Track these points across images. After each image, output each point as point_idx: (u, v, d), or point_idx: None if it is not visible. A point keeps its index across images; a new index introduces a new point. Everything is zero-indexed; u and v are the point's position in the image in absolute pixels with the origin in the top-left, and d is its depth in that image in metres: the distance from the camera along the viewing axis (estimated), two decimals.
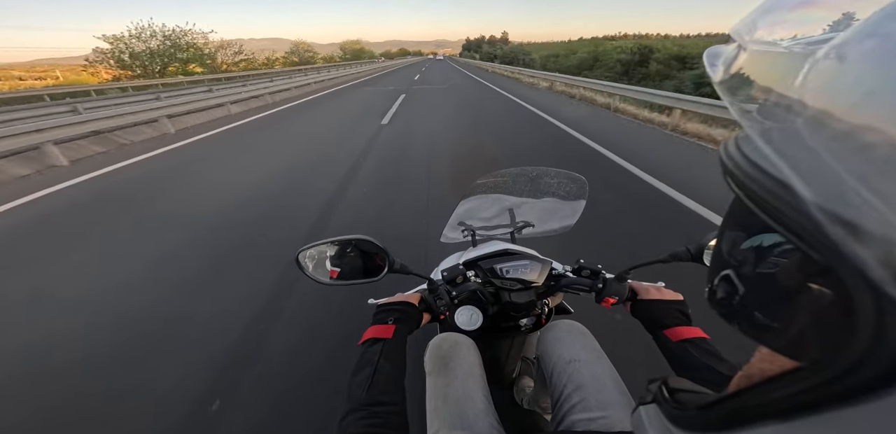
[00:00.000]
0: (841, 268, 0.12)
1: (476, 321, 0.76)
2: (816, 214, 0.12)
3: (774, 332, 0.17)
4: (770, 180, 0.15)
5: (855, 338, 0.12)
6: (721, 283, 0.20)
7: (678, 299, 0.71)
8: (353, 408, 0.49)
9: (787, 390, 0.15)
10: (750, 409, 0.17)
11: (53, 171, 4.52)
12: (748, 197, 0.16)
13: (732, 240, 0.20)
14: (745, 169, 0.16)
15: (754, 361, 0.19)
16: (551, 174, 1.06)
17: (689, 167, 4.03)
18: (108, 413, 1.38)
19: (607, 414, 0.60)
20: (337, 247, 0.70)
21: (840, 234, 0.12)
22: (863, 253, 0.11)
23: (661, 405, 0.25)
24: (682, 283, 0.75)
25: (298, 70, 27.10)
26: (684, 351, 0.59)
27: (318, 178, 3.89)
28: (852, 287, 0.12)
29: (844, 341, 0.12)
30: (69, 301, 2.01)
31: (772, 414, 0.16)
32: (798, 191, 0.13)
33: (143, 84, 17.65)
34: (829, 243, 0.12)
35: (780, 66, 0.16)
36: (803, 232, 0.13)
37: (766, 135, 0.15)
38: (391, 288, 0.89)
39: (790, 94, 0.14)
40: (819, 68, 0.13)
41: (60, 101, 10.40)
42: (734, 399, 0.19)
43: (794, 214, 0.13)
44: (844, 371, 0.13)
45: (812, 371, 0.14)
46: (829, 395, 0.13)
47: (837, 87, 0.13)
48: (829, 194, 0.12)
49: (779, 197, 0.14)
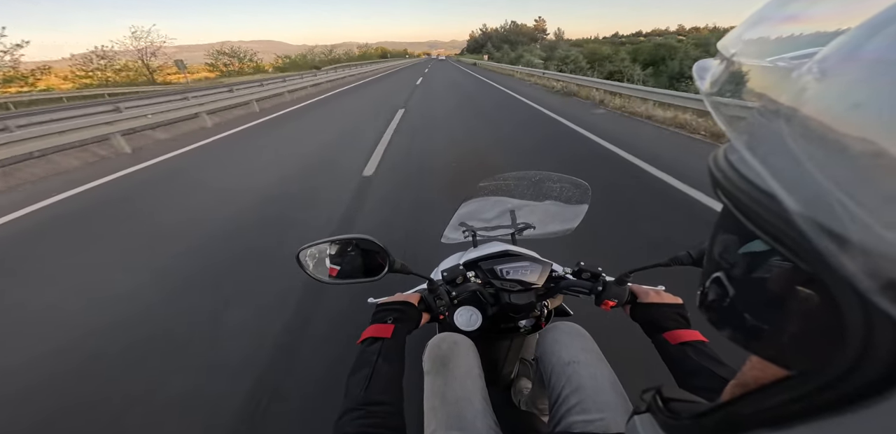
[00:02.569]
0: (828, 278, 0.12)
1: (475, 322, 0.76)
2: (802, 225, 0.12)
3: (764, 340, 0.18)
4: (756, 191, 0.15)
5: (844, 347, 0.12)
6: (712, 286, 0.20)
7: (678, 303, 0.71)
8: (351, 407, 0.50)
9: (779, 398, 0.16)
10: (743, 417, 0.18)
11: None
12: (736, 207, 0.17)
13: (724, 243, 0.20)
14: (733, 179, 0.17)
15: (746, 370, 0.20)
16: (554, 179, 1.06)
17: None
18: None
19: (605, 416, 0.60)
20: (338, 246, 0.71)
21: (826, 245, 0.12)
22: (849, 264, 0.11)
23: (655, 414, 0.26)
24: (681, 287, 0.75)
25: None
26: (683, 354, 0.59)
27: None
28: (840, 297, 0.12)
29: (834, 350, 0.13)
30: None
31: (765, 422, 0.16)
32: (783, 201, 0.13)
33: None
34: (816, 253, 0.12)
35: (765, 80, 0.17)
36: (790, 242, 0.13)
37: (751, 146, 0.15)
38: (391, 287, 0.89)
39: (775, 106, 0.15)
40: (804, 82, 0.14)
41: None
42: (727, 408, 0.19)
43: (781, 224, 0.14)
44: (835, 379, 0.13)
45: (803, 379, 0.15)
46: (821, 402, 0.14)
47: (822, 100, 0.13)
48: (814, 204, 0.12)
49: (765, 207, 0.14)
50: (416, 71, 29.82)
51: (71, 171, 4.90)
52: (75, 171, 4.86)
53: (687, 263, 0.66)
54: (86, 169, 4.97)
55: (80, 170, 4.93)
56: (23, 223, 3.27)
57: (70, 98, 20.71)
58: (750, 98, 0.17)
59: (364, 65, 40.26)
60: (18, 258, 2.65)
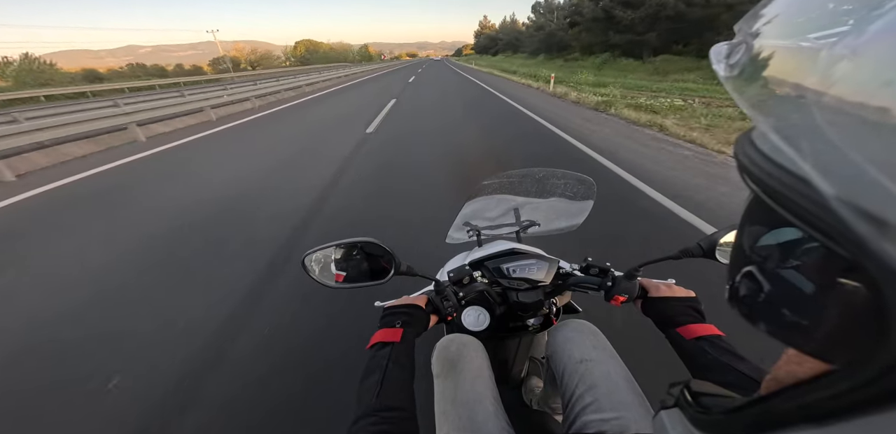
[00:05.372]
0: (869, 264, 0.12)
1: (483, 322, 0.76)
2: (838, 209, 0.12)
3: (803, 333, 0.17)
4: (787, 175, 0.14)
5: (890, 338, 0.12)
6: (744, 281, 0.19)
7: (690, 296, 0.70)
8: (364, 413, 0.49)
9: (820, 394, 0.15)
10: (781, 413, 0.17)
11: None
12: (766, 193, 0.16)
13: (754, 234, 0.19)
14: (761, 165, 0.16)
15: (782, 363, 0.19)
16: (558, 175, 1.05)
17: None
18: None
19: (621, 415, 0.59)
20: (342, 250, 0.70)
21: (865, 229, 0.11)
22: (892, 248, 0.11)
23: (684, 409, 0.25)
24: (692, 279, 0.73)
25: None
26: (699, 349, 0.58)
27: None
28: (883, 284, 0.11)
29: (879, 341, 0.12)
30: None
31: (805, 418, 0.15)
32: (817, 185, 0.12)
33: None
34: (855, 239, 0.12)
35: (789, 61, 0.16)
36: (827, 228, 0.13)
37: (779, 129, 0.15)
38: (397, 290, 0.88)
39: (803, 88, 0.14)
40: (832, 61, 0.13)
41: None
42: (763, 403, 0.18)
43: (816, 210, 0.13)
44: (880, 373, 0.12)
45: (846, 374, 0.14)
46: (867, 398, 0.13)
47: (853, 79, 0.12)
48: (851, 187, 0.11)
49: (798, 192, 0.14)
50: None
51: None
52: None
53: (698, 256, 0.65)
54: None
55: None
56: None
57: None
58: (774, 80, 0.16)
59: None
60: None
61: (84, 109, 6.86)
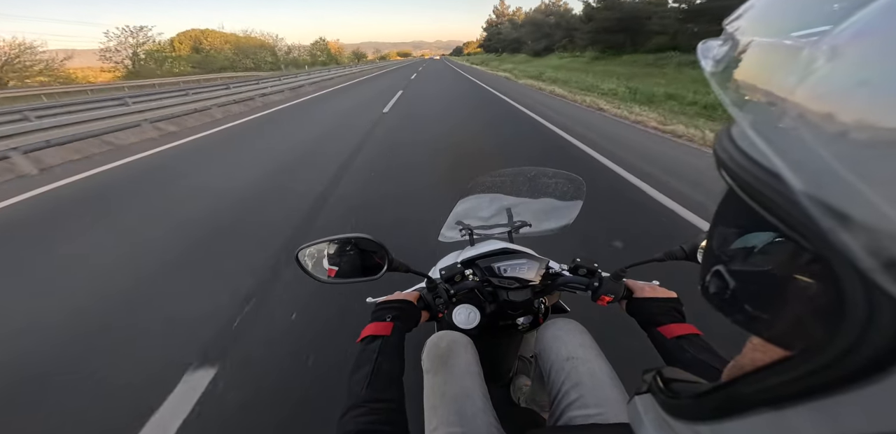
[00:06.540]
0: (830, 257, 0.12)
1: (474, 320, 0.77)
2: (806, 203, 0.12)
3: (766, 323, 0.18)
4: (761, 171, 0.15)
5: (844, 326, 0.12)
6: (713, 279, 0.21)
7: (672, 297, 0.72)
8: (354, 404, 0.50)
9: (778, 379, 0.16)
10: (743, 397, 0.18)
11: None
12: (741, 188, 0.17)
13: (723, 236, 0.20)
14: (738, 160, 0.17)
15: (746, 351, 0.20)
16: (549, 174, 1.07)
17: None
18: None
19: (604, 410, 0.61)
20: (336, 245, 0.70)
21: (829, 223, 0.12)
22: (851, 242, 0.11)
23: (655, 395, 0.26)
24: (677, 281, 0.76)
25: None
26: (679, 347, 0.60)
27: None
28: (842, 276, 0.12)
29: (834, 330, 0.13)
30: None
31: (764, 402, 0.16)
32: (788, 180, 0.13)
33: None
34: (819, 232, 0.12)
35: (770, 58, 0.16)
36: (794, 221, 0.14)
37: (756, 125, 0.15)
38: (390, 286, 0.89)
39: (781, 85, 0.15)
40: (810, 60, 0.14)
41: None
42: (727, 388, 0.19)
43: (785, 204, 0.14)
44: (834, 359, 0.13)
45: (803, 359, 0.15)
46: (823, 381, 0.14)
47: (829, 78, 0.13)
48: (818, 183, 0.12)
49: (770, 187, 0.14)
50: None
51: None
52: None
53: (681, 258, 0.68)
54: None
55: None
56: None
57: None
58: (756, 78, 0.16)
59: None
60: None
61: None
